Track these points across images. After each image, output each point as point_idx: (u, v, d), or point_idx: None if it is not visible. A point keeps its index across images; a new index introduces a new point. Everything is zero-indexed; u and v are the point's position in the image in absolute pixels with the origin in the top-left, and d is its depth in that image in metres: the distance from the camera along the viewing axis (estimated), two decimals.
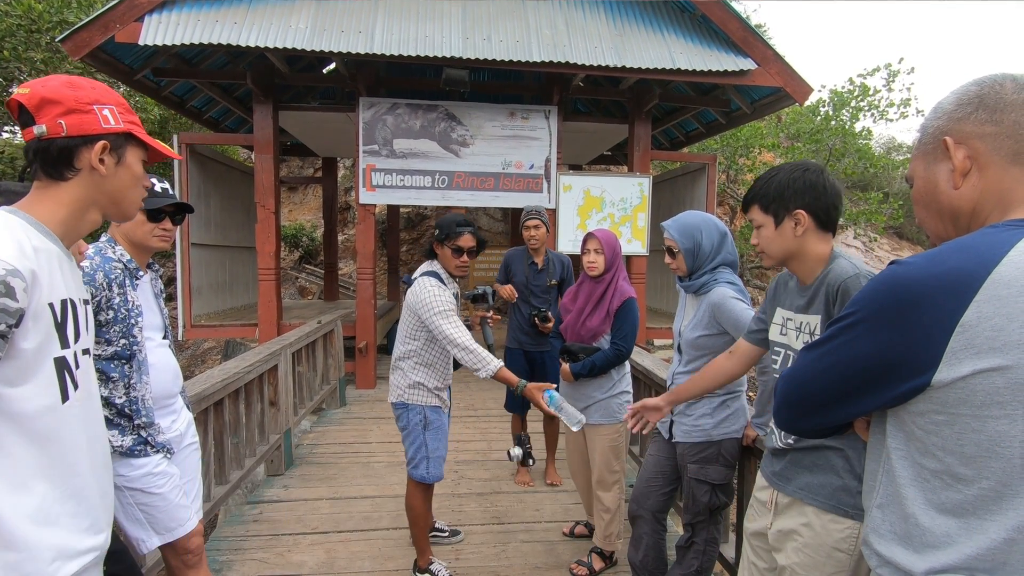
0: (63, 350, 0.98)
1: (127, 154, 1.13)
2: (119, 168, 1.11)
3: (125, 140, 1.12)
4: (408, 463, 2.64)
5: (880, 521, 0.87)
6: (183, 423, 1.98)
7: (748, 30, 5.66)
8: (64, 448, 0.98)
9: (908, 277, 0.79)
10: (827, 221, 1.47)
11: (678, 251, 2.14)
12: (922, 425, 0.81)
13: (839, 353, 0.87)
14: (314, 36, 5.02)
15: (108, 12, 4.87)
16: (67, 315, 1.00)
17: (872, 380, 0.84)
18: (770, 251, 1.53)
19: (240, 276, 7.92)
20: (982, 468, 0.76)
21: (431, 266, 2.60)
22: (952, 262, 0.77)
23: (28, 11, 7.66)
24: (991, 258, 0.75)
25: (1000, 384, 0.73)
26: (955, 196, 0.88)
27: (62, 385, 0.97)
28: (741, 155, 10.32)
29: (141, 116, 9.40)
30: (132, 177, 1.14)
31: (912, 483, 0.82)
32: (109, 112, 1.09)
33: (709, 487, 2.14)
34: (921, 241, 16.79)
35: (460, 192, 6.10)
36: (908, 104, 10.32)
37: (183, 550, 1.82)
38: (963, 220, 0.89)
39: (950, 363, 0.75)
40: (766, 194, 1.51)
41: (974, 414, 0.75)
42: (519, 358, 3.77)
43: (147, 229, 1.80)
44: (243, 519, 3.30)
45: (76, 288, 1.07)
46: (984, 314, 0.73)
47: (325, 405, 5.56)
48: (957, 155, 0.86)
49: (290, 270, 13.10)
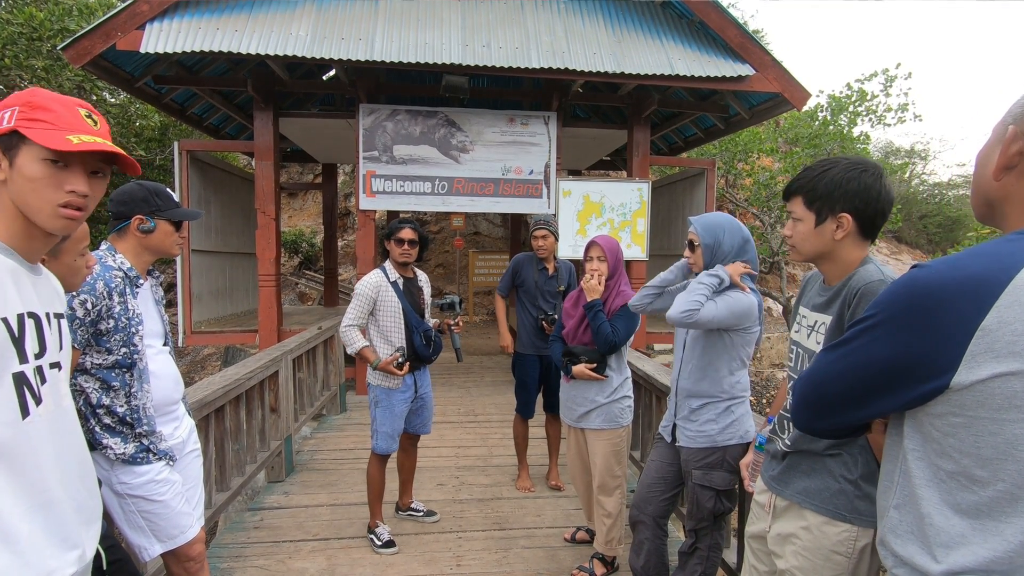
0: (21, 365, 0.95)
1: (18, 156, 1.00)
2: (13, 172, 1.00)
3: (18, 140, 0.99)
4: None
5: (897, 521, 0.87)
6: (185, 430, 1.98)
7: (746, 36, 5.69)
8: (27, 464, 0.95)
9: (930, 280, 0.80)
10: (871, 229, 1.38)
11: (698, 245, 2.13)
12: (939, 427, 0.81)
13: (859, 355, 0.88)
14: (314, 43, 5.04)
15: (109, 20, 4.90)
16: (24, 329, 0.96)
17: (891, 381, 0.84)
18: (802, 248, 1.44)
19: (240, 282, 7.92)
20: (998, 470, 0.76)
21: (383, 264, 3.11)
22: (974, 267, 0.77)
23: (29, 19, 7.69)
24: (1012, 264, 0.75)
25: (1018, 388, 0.73)
26: (994, 185, 0.87)
27: (21, 401, 0.94)
28: (740, 160, 10.35)
29: (141, 123, 9.47)
30: (25, 180, 1.00)
31: (928, 484, 0.83)
32: (9, 114, 0.99)
33: (713, 493, 2.13)
34: (920, 245, 16.82)
35: (460, 198, 6.11)
36: (905, 109, 10.37)
37: (185, 557, 1.82)
38: (996, 210, 0.88)
39: (969, 366, 0.76)
40: (814, 188, 1.39)
41: (992, 417, 0.76)
42: (535, 363, 3.76)
43: (173, 239, 1.87)
44: (244, 526, 3.29)
45: (40, 302, 1.03)
46: (1004, 319, 0.73)
47: (326, 411, 5.55)
48: (1011, 147, 0.83)
49: (290, 276, 13.10)
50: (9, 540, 0.92)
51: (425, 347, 3.07)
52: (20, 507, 0.94)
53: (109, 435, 1.68)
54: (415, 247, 3.03)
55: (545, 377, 3.78)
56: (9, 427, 0.92)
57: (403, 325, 3.02)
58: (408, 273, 3.12)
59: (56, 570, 0.99)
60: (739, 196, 11.13)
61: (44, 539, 0.97)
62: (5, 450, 0.92)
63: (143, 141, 9.38)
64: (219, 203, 7.20)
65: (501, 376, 7.16)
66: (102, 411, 1.67)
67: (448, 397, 6.05)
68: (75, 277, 1.49)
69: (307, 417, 4.78)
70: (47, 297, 1.05)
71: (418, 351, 3.05)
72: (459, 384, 6.75)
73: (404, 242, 2.99)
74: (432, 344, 3.10)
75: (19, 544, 0.93)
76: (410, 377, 3.08)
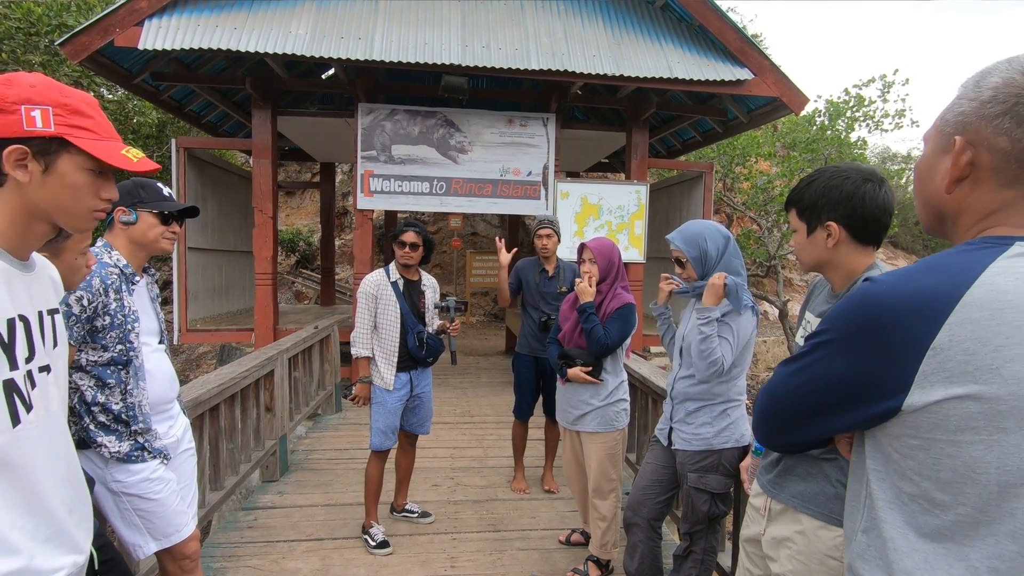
0: (11, 372, 0.92)
1: (59, 163, 0.97)
2: (47, 177, 0.96)
3: (58, 146, 0.96)
4: None
5: (866, 546, 0.83)
6: (180, 428, 1.97)
7: (745, 40, 5.71)
8: (19, 472, 0.93)
9: (880, 296, 0.76)
10: (865, 235, 1.37)
11: (686, 261, 2.16)
12: (898, 448, 0.78)
13: (812, 370, 0.85)
14: (314, 42, 5.03)
15: (108, 16, 4.88)
16: (15, 334, 0.93)
17: (842, 400, 0.82)
18: (802, 258, 1.48)
19: (236, 280, 7.89)
20: (958, 494, 0.73)
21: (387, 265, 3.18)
22: (925, 282, 0.74)
23: (27, 14, 7.66)
24: (964, 279, 0.72)
25: (974, 410, 0.70)
26: (946, 199, 0.84)
27: (11, 408, 0.91)
28: (738, 164, 10.38)
29: (139, 120, 9.44)
30: (64, 188, 0.98)
31: (891, 506, 0.79)
32: (40, 114, 0.94)
33: (709, 496, 2.13)
34: (916, 251, 16.89)
35: (458, 199, 6.11)
36: (903, 115, 10.39)
37: (180, 555, 1.81)
38: (948, 221, 0.86)
39: (922, 387, 0.72)
40: (802, 199, 1.42)
41: (949, 439, 0.72)
42: (529, 364, 3.77)
43: (158, 231, 1.82)
44: (238, 525, 3.27)
45: (31, 301, 0.99)
46: (956, 337, 0.70)
47: (321, 411, 5.54)
48: (960, 159, 0.80)
49: (287, 275, 13.07)
50: (7, 548, 0.91)
51: (418, 349, 3.07)
52: (15, 514, 0.93)
53: (104, 433, 1.67)
54: (416, 250, 3.05)
55: (541, 379, 3.78)
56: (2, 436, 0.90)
57: (399, 325, 3.04)
58: (411, 275, 3.16)
59: (55, 571, 0.98)
60: (736, 200, 11.15)
61: (41, 544, 0.97)
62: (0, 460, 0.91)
63: (140, 138, 9.35)
64: (216, 201, 7.18)
65: (498, 377, 7.16)
66: (97, 408, 1.66)
67: (444, 398, 6.04)
68: (75, 276, 1.49)
69: (302, 416, 4.76)
70: (40, 294, 1.03)
71: (411, 352, 3.08)
72: (455, 385, 6.75)
73: (406, 245, 3.03)
74: (425, 346, 3.10)
75: (18, 551, 0.92)
76: (405, 375, 3.11)
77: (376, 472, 3.13)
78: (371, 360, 3.09)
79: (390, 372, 3.06)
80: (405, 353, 3.07)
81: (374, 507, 3.15)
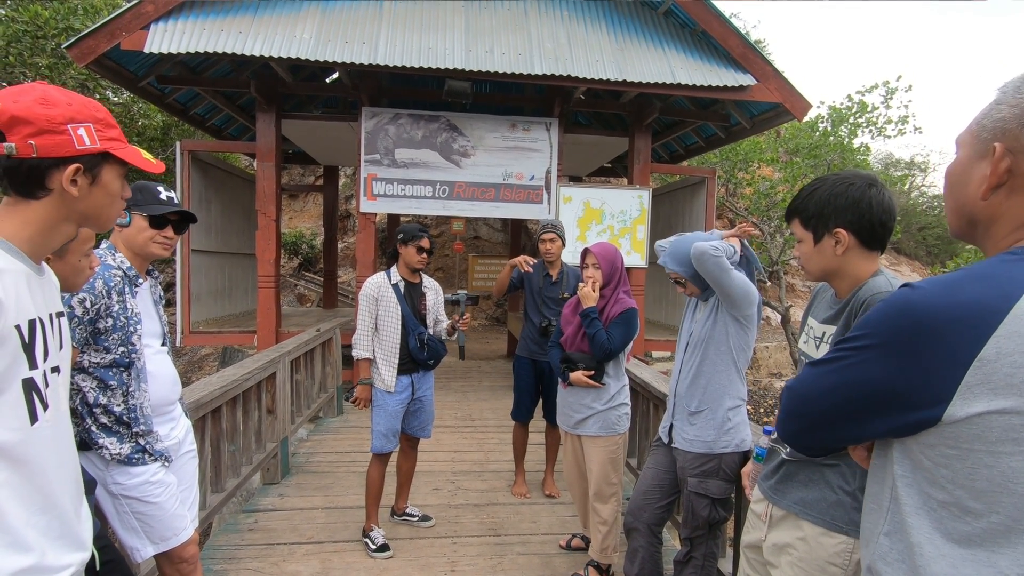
0: (31, 371, 0.95)
1: (103, 173, 1.06)
2: (94, 188, 1.06)
3: (102, 159, 1.06)
4: None
5: (888, 549, 0.83)
6: (181, 431, 1.97)
7: (748, 46, 5.72)
8: (33, 469, 0.96)
9: (924, 304, 0.75)
10: (872, 240, 1.37)
11: (685, 280, 2.18)
12: (931, 457, 0.77)
13: (846, 374, 0.84)
14: (318, 46, 5.05)
15: (115, 20, 4.91)
16: (35, 335, 0.97)
17: (878, 407, 0.80)
18: (809, 267, 1.46)
19: (239, 283, 7.91)
20: (993, 503, 0.72)
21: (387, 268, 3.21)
22: (971, 292, 0.72)
23: (34, 17, 7.71)
24: (1012, 291, 0.71)
25: (1017, 423, 0.69)
26: (980, 205, 0.82)
27: (30, 407, 0.95)
28: (740, 169, 10.38)
29: (144, 122, 9.49)
30: (107, 195, 1.09)
31: (918, 512, 0.79)
32: (85, 131, 1.02)
33: (709, 501, 2.13)
34: (919, 257, 16.85)
35: (460, 202, 6.12)
36: (906, 121, 10.39)
37: (178, 559, 1.81)
38: (980, 229, 0.85)
39: (964, 398, 0.71)
40: (806, 208, 1.41)
41: (988, 450, 0.72)
42: (528, 367, 3.77)
43: (147, 235, 1.80)
44: (238, 528, 3.27)
45: (45, 304, 1.03)
46: (1004, 350, 0.69)
47: (322, 413, 5.54)
48: (999, 165, 0.78)
49: (289, 277, 13.10)
50: (20, 544, 0.93)
51: (419, 351, 3.08)
52: (29, 511, 0.95)
53: (105, 435, 1.67)
54: (430, 255, 3.16)
55: (540, 382, 3.78)
56: (20, 433, 0.93)
57: (399, 327, 3.05)
58: (413, 278, 3.19)
59: (59, 570, 1.00)
60: (739, 205, 11.15)
61: (52, 541, 0.99)
62: (16, 456, 0.93)
63: (145, 140, 9.38)
64: (220, 203, 7.21)
65: (499, 381, 7.15)
66: (99, 410, 1.67)
67: (445, 402, 6.03)
68: (79, 277, 1.49)
69: (304, 419, 4.76)
70: (50, 297, 1.06)
71: (412, 354, 3.09)
72: (456, 388, 6.74)
73: (424, 251, 3.10)
74: (426, 348, 3.10)
75: (30, 548, 0.94)
76: (406, 378, 3.12)
77: (377, 475, 3.14)
78: (372, 362, 3.10)
79: (391, 374, 3.06)
80: (406, 355, 3.09)
81: (375, 510, 3.15)
